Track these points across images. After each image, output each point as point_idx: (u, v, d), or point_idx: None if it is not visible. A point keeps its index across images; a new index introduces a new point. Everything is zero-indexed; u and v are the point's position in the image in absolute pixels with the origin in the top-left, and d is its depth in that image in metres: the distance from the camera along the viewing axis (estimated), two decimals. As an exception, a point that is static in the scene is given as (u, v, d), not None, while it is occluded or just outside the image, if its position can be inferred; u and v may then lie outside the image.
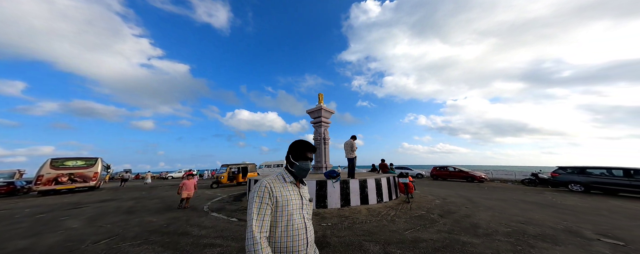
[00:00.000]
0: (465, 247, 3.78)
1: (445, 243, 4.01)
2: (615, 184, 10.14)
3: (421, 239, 4.20)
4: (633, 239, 4.28)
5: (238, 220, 5.97)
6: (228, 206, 7.88)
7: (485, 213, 6.48)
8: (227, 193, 12.16)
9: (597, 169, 11.13)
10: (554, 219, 5.78)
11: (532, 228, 4.93)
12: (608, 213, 6.58)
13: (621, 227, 5.07)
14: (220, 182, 15.31)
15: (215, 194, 11.65)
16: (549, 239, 4.24)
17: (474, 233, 4.54)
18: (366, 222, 5.49)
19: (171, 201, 9.52)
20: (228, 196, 10.56)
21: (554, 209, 7.03)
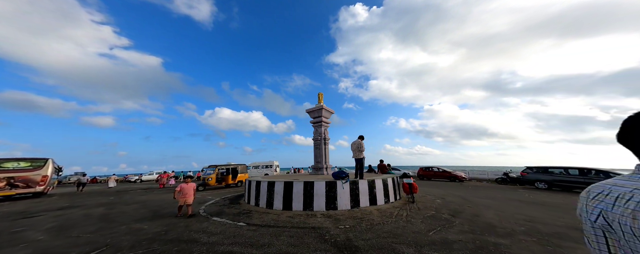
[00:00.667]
0: (499, 248, 3.73)
1: (477, 244, 3.96)
2: (572, 182, 11.54)
3: (450, 240, 4.11)
4: None
5: (247, 225, 5.49)
6: (227, 210, 7.31)
7: (488, 211, 6.64)
8: (219, 195, 11.40)
9: (557, 169, 12.50)
10: (550, 216, 6.06)
11: (542, 227, 5.08)
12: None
13: None
14: (208, 185, 14.30)
15: (205, 197, 10.85)
16: (565, 237, 4.37)
17: (495, 233, 4.56)
18: (383, 223, 5.33)
19: (155, 206, 8.67)
20: (222, 199, 9.87)
21: (541, 207, 7.44)
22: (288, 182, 6.86)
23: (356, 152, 7.23)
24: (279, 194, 6.90)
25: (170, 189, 14.94)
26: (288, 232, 4.84)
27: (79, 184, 17.10)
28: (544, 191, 11.73)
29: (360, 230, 4.85)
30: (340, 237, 4.44)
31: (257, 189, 7.51)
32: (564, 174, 12.13)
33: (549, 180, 12.47)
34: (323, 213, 6.34)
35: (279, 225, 5.38)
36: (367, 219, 5.67)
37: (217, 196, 10.83)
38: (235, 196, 10.57)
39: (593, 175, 11.01)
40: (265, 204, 7.10)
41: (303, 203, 6.59)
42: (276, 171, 24.57)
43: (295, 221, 5.65)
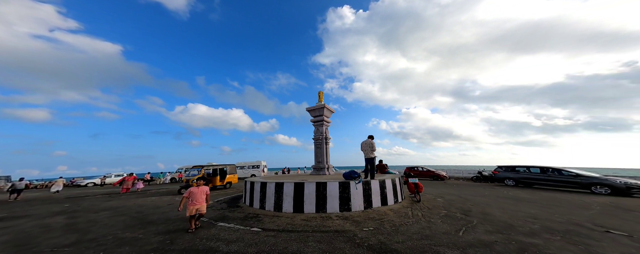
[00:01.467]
0: (539, 248, 3.75)
1: (514, 244, 3.94)
2: (534, 179, 12.80)
3: (487, 242, 4.06)
4: (627, 230, 4.94)
5: (263, 230, 5.01)
6: (230, 214, 6.69)
7: (492, 209, 6.82)
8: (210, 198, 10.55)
9: (521, 168, 13.81)
10: (544, 213, 6.35)
11: (550, 224, 5.29)
12: (559, 203, 7.84)
13: (595, 217, 5.85)
14: None
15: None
16: (580, 234, 4.55)
17: (521, 232, 4.62)
18: (405, 224, 5.20)
19: (135, 212, 7.60)
20: (217, 202, 9.11)
21: (527, 203, 7.89)
22: (299, 183, 6.47)
23: (368, 151, 7.06)
24: (288, 196, 6.47)
25: (140, 194, 13.03)
26: (313, 237, 4.49)
27: (12, 190, 13.09)
28: (512, 188, 12.72)
29: (387, 232, 4.66)
30: (371, 240, 4.20)
31: (262, 191, 6.99)
32: (527, 172, 13.37)
33: (516, 177, 13.67)
34: (338, 214, 6.06)
35: (297, 229, 4.99)
36: (386, 220, 5.50)
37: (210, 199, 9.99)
38: (231, 199, 9.85)
39: (550, 173, 12.26)
40: (273, 206, 6.62)
41: (315, 204, 6.25)
42: (264, 172, 23.73)
43: (312, 225, 5.30)
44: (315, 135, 9.69)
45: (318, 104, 9.78)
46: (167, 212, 7.42)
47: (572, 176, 11.45)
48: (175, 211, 7.57)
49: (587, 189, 10.65)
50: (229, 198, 10.08)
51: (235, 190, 13.61)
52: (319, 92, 10.16)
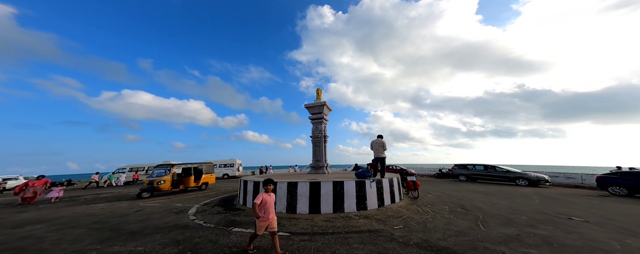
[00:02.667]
0: (557, 240, 4.29)
1: (532, 236, 4.42)
2: (479, 175, 15.39)
3: (512, 235, 4.43)
4: (578, 215, 6.05)
5: (292, 234, 4.59)
6: (236, 218, 5.97)
7: (477, 203, 7.55)
8: (185, 201, 9.33)
9: (470, 165, 16.31)
10: (513, 204, 7.38)
11: (531, 214, 6.09)
12: (509, 195, 9.46)
13: (545, 206, 7.07)
14: (158, 189, 10.76)
15: (169, 205, 8.75)
16: (558, 222, 5.38)
17: (521, 223, 5.23)
18: (426, 221, 5.35)
19: (93, 223, 6.35)
20: (204, 205, 8.10)
21: (491, 195, 9.23)
22: (314, 182, 6.14)
23: (380, 151, 7.12)
24: (303, 196, 6.10)
25: (67, 203, 9.55)
26: (351, 238, 4.29)
27: None
28: (466, 182, 14.93)
29: (419, 229, 4.74)
30: (412, 239, 4.20)
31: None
32: (474, 169, 15.97)
33: (467, 174, 16.15)
34: (356, 214, 5.94)
35: (329, 231, 4.71)
36: (406, 218, 5.61)
37: (190, 203, 8.81)
38: (221, 200, 8.89)
39: (489, 169, 15.03)
40: (286, 208, 6.15)
41: (333, 204, 6.02)
42: (239, 171, 22.14)
43: (339, 225, 5.08)
44: (313, 133, 9.39)
45: (317, 101, 9.50)
46: (146, 219, 6.24)
47: (503, 171, 14.11)
48: (163, 217, 6.46)
49: (513, 182, 13.37)
50: (219, 200, 9.08)
51: (216, 191, 12.34)
52: (317, 89, 9.88)
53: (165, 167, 12.04)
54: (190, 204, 8.29)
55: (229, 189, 13.29)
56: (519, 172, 13.52)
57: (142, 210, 7.54)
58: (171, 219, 6.20)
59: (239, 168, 23.08)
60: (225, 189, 12.96)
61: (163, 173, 12.09)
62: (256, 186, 6.85)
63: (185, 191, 12.40)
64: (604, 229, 4.85)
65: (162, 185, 10.94)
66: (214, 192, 11.98)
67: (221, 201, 8.75)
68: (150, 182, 11.08)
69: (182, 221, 5.89)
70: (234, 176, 22.17)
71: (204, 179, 13.22)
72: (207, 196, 10.31)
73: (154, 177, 11.37)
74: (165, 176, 11.33)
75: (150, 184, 10.99)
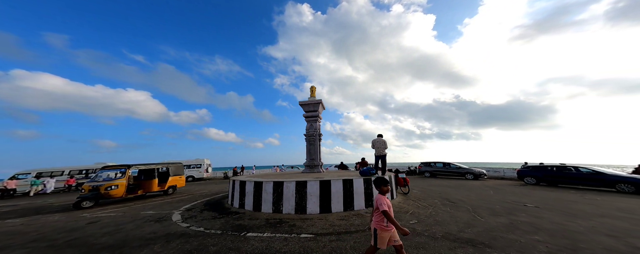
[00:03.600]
0: (556, 224, 4.99)
1: (527, 224, 5.07)
2: (439, 171, 17.34)
3: (509, 224, 5.02)
4: (530, 202, 7.24)
5: (315, 235, 4.36)
6: (243, 222, 5.43)
7: (457, 196, 8.37)
8: (156, 208, 8.18)
9: (433, 163, 18.19)
10: (480, 196, 8.43)
11: (502, 204, 6.93)
12: (469, 188, 10.83)
13: (502, 196, 8.33)
14: (107, 196, 8.65)
15: (119, 215, 7.58)
16: (522, 209, 6.33)
17: (500, 213, 5.98)
18: (432, 215, 5.67)
19: (30, 241, 5.22)
20: (191, 211, 7.20)
21: (457, 189, 10.39)
22: (325, 181, 5.96)
23: (382, 149, 7.29)
24: (314, 195, 5.86)
25: None
26: (379, 236, 4.28)
27: None
28: (430, 178, 16.69)
29: (433, 223, 4.98)
30: (435, 232, 4.38)
31: (276, 192, 6.03)
32: (435, 166, 17.88)
33: (430, 170, 18.02)
34: (366, 210, 5.97)
35: (352, 230, 4.62)
36: (412, 213, 5.87)
37: (154, 210, 7.72)
38: (207, 205, 7.99)
39: (447, 166, 17.06)
40: (294, 208, 5.83)
41: (343, 203, 5.94)
42: (208, 172, 20.09)
43: (356, 224, 5.02)
44: (308, 131, 9.13)
45: (311, 99, 9.29)
46: (115, 231, 5.23)
47: (456, 168, 16.31)
48: (140, 227, 5.50)
49: (463, 176, 15.63)
50: (204, 204, 8.15)
51: (190, 195, 11.05)
52: (311, 87, 9.66)
53: (117, 169, 10.02)
54: (166, 211, 7.22)
55: (205, 192, 12.04)
56: (467, 168, 15.98)
57: (98, 222, 6.15)
58: (155, 228, 5.31)
59: (208, 169, 21.04)
60: (202, 193, 11.68)
61: (114, 176, 10.19)
62: (258, 188, 6.34)
63: (143, 198, 10.49)
64: (553, 213, 5.84)
65: (113, 191, 8.85)
66: (187, 196, 10.69)
67: (207, 205, 7.86)
68: (94, 188, 8.64)
69: (173, 229, 5.10)
70: (201, 178, 20.13)
71: (171, 182, 11.40)
72: (182, 201, 9.12)
73: (99, 182, 8.97)
74: (118, 179, 9.32)
75: (94, 190, 8.58)
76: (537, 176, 11.93)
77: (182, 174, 12.36)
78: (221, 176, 24.23)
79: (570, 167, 11.02)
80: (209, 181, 19.87)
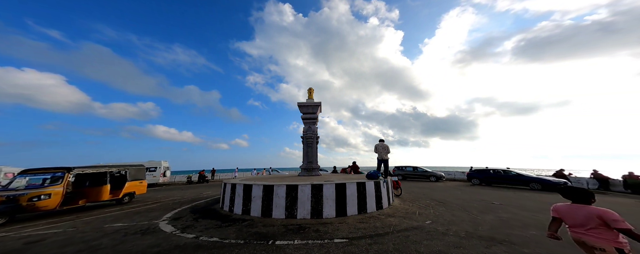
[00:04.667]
0: (525, 220, 5.73)
1: (518, 220, 5.77)
2: (408, 174, 18.71)
3: (506, 218, 5.66)
4: (490, 199, 8.42)
5: (349, 239, 4.19)
6: (261, 229, 4.90)
7: (439, 196, 9.16)
8: (116, 220, 6.96)
9: (404, 167, 19.66)
10: (454, 195, 9.55)
11: (479, 202, 7.87)
12: (440, 189, 12.05)
13: (467, 194, 9.54)
14: (31, 209, 6.57)
15: (67, 231, 6.35)
16: (492, 207, 7.29)
17: (487, 210, 6.73)
18: (437, 215, 6.05)
19: None
20: (178, 221, 6.24)
21: (431, 190, 11.42)
22: (340, 184, 5.83)
23: (384, 153, 7.48)
24: (330, 199, 5.66)
25: None
26: (409, 236, 4.35)
27: None
28: (402, 181, 17.67)
29: (446, 222, 5.28)
30: (459, 232, 4.61)
31: (289, 196, 5.65)
32: (406, 170, 19.25)
33: (402, 174, 19.22)
34: (378, 213, 6.01)
35: (380, 232, 4.57)
36: (422, 213, 6.15)
37: (120, 222, 6.56)
38: (195, 212, 7.01)
39: (416, 170, 18.65)
40: (310, 213, 5.53)
41: (357, 205, 5.90)
42: (165, 177, 17.58)
43: (379, 225, 5.01)
44: (306, 133, 8.85)
45: (310, 101, 9.07)
46: (95, 249, 4.29)
47: (423, 171, 18.08)
48: (124, 243, 4.59)
49: (428, 178, 17.36)
50: (189, 211, 7.14)
51: (160, 203, 9.57)
52: (309, 89, 9.44)
53: (47, 174, 7.65)
54: (144, 222, 6.07)
55: (177, 198, 10.57)
56: (431, 172, 17.86)
57: (44, 241, 4.65)
58: (150, 241, 4.43)
59: (166, 173, 18.47)
60: (174, 200, 10.10)
61: (42, 183, 7.77)
62: (268, 192, 5.84)
63: (83, 209, 8.13)
64: (517, 208, 6.88)
65: (42, 202, 6.72)
66: (156, 204, 9.01)
67: (196, 212, 6.90)
68: (10, 199, 6.43)
69: (179, 241, 4.33)
70: (157, 183, 17.46)
71: (129, 188, 9.42)
72: (153, 210, 7.58)
73: (18, 191, 6.65)
74: (52, 187, 7.08)
75: (10, 202, 6.38)
76: (480, 177, 14.42)
77: (143, 178, 10.32)
78: (183, 180, 21.43)
79: (501, 170, 13.85)
80: (169, 187, 17.06)
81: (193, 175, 21.27)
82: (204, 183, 19.25)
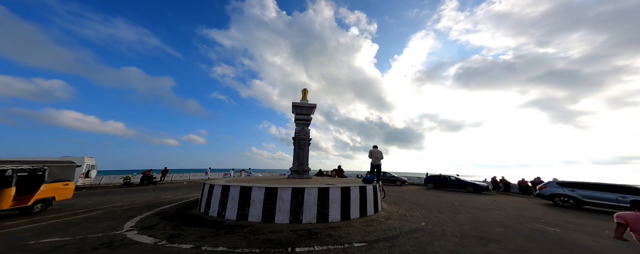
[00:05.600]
0: (499, 220, 6.62)
1: (484, 221, 6.59)
2: (384, 179, 19.63)
3: (473, 219, 6.41)
4: (460, 203, 9.64)
5: (368, 244, 4.18)
6: (271, 236, 4.47)
7: (413, 200, 9.94)
8: (38, 233, 5.70)
9: (387, 174, 20.62)
10: (427, 198, 10.56)
11: (445, 205, 8.86)
12: (406, 191, 13.34)
13: (433, 197, 10.78)
14: None
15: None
16: (462, 209, 8.31)
17: (458, 211, 7.58)
18: (427, 216, 6.51)
19: None
20: (151, 229, 5.29)
21: (406, 194, 12.40)
22: (345, 187, 5.79)
23: (378, 159, 7.73)
24: (335, 202, 5.55)
25: None
26: (417, 238, 4.58)
27: None
28: None
29: (436, 223, 5.72)
30: (454, 231, 5.09)
31: (295, 200, 5.35)
32: (374, 176, 20.39)
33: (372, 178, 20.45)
34: (376, 216, 6.14)
35: (390, 235, 4.69)
36: (412, 216, 6.50)
37: (46, 236, 5.35)
38: (168, 218, 6.02)
39: (385, 175, 19.65)
40: (316, 217, 5.32)
41: (359, 209, 5.93)
42: (90, 176, 14.32)
43: (384, 228, 5.13)
44: (299, 135, 8.55)
45: (304, 102, 8.84)
46: None
47: (391, 176, 19.47)
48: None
49: (394, 183, 18.80)
50: (158, 218, 6.10)
51: (101, 210, 7.94)
52: (303, 90, 9.22)
53: None
54: (91, 234, 4.96)
55: (125, 204, 8.92)
56: (397, 176, 19.41)
57: None
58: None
59: (90, 173, 14.33)
60: (122, 206, 8.13)
61: None
62: (271, 195, 5.41)
63: None
64: (475, 209, 8.01)
65: None
66: (98, 211, 7.24)
67: (168, 219, 5.93)
68: None
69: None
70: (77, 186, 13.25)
71: (46, 192, 6.88)
72: (97, 220, 6.01)
73: None
74: None
75: None
76: (434, 182, 16.64)
77: (70, 179, 7.69)
78: (118, 182, 16.40)
79: (448, 176, 16.41)
80: (95, 191, 12.87)
81: (133, 175, 17.22)
82: (151, 185, 15.98)
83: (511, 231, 5.30)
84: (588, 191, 9.17)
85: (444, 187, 15.99)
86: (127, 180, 15.96)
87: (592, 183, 9.39)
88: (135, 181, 16.60)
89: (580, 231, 5.54)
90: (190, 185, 16.62)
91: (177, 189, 13.40)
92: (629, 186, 8.68)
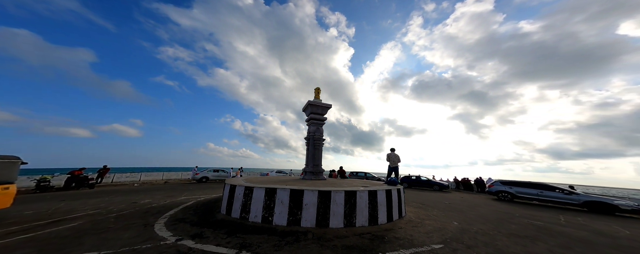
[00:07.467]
0: (491, 217, 7.66)
1: (485, 215, 7.56)
2: (418, 183, 20.23)
3: (467, 216, 7.30)
4: (439, 199, 10.94)
5: (444, 245, 4.29)
6: (341, 241, 4.10)
7: (412, 199, 10.73)
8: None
9: (358, 173, 21.32)
10: (415, 197, 11.59)
11: (437, 204, 9.95)
12: None
13: (424, 198, 12.00)
14: None
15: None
16: (452, 206, 9.43)
17: (452, 209, 8.53)
18: (437, 216, 7.07)
19: None
20: (163, 245, 4.30)
21: None
22: (372, 191, 5.57)
23: (395, 161, 7.96)
24: (382, 205, 5.46)
25: None
26: (474, 238, 4.94)
27: None
28: None
29: (467, 221, 6.28)
30: (491, 231, 5.67)
31: (348, 203, 5.06)
32: (358, 175, 20.79)
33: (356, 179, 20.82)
34: (409, 217, 6.36)
35: (450, 236, 4.95)
36: (433, 216, 6.99)
37: None
38: (190, 224, 4.94)
39: (366, 175, 20.64)
40: (368, 220, 5.15)
41: (387, 213, 5.86)
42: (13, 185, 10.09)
43: (434, 228, 5.37)
44: (315, 134, 8.11)
45: (317, 101, 8.46)
46: None
47: (371, 176, 20.28)
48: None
49: (431, 187, 18.95)
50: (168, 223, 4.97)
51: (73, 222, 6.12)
52: (316, 89, 8.85)
53: None
54: None
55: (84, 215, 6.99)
56: (376, 177, 20.04)
57: None
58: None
59: None
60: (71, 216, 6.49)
61: None
62: (325, 198, 4.98)
63: None
64: (462, 206, 9.14)
65: None
66: (55, 225, 5.71)
67: (197, 224, 4.91)
68: None
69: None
70: None
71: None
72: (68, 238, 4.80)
73: None
74: None
75: None
76: (408, 182, 18.12)
77: (12, 181, 5.62)
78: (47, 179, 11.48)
79: (418, 176, 18.29)
80: None
81: (57, 175, 13.16)
82: (84, 189, 11.98)
83: (520, 227, 6.17)
84: (520, 188, 11.83)
85: (416, 187, 17.66)
86: (45, 182, 11.41)
87: (522, 182, 12.15)
88: (57, 183, 12.40)
89: (555, 223, 6.84)
90: (146, 187, 13.22)
91: (136, 193, 11.03)
92: (545, 183, 11.55)
